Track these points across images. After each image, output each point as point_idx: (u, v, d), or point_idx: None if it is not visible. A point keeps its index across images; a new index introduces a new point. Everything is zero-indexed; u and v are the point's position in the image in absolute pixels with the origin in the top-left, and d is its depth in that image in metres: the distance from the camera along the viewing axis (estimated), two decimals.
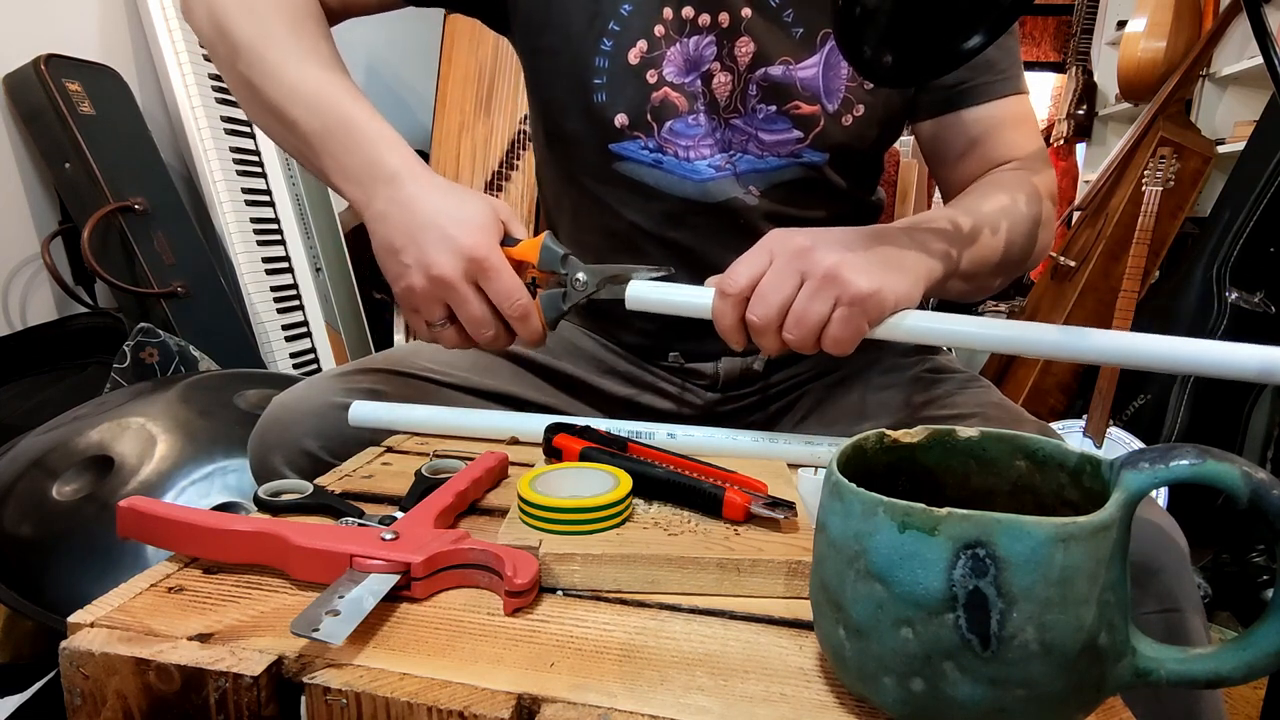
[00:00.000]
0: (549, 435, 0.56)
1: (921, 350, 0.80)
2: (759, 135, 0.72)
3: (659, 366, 0.81)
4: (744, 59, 0.71)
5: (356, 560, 0.40)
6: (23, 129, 1.54)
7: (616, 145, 0.73)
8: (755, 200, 0.73)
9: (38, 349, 1.48)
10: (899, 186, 3.32)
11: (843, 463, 0.34)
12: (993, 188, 0.70)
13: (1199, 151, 2.12)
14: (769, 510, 0.46)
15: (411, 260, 0.56)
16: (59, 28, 1.62)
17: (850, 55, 0.55)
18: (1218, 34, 2.23)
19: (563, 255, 0.59)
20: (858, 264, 0.54)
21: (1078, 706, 0.30)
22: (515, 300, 0.57)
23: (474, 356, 0.77)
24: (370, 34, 2.56)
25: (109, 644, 0.34)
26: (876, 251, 0.56)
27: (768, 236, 0.57)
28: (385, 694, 0.32)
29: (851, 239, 0.57)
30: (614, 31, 0.70)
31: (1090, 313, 2.24)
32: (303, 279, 1.96)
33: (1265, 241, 1.84)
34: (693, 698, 0.33)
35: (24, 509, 1.03)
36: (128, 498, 0.43)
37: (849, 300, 0.53)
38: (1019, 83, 0.74)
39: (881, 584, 0.30)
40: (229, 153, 1.80)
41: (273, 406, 0.69)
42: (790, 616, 0.41)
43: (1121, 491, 0.29)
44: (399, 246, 0.57)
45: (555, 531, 0.44)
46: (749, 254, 0.56)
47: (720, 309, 0.56)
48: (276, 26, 0.63)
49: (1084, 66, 3.16)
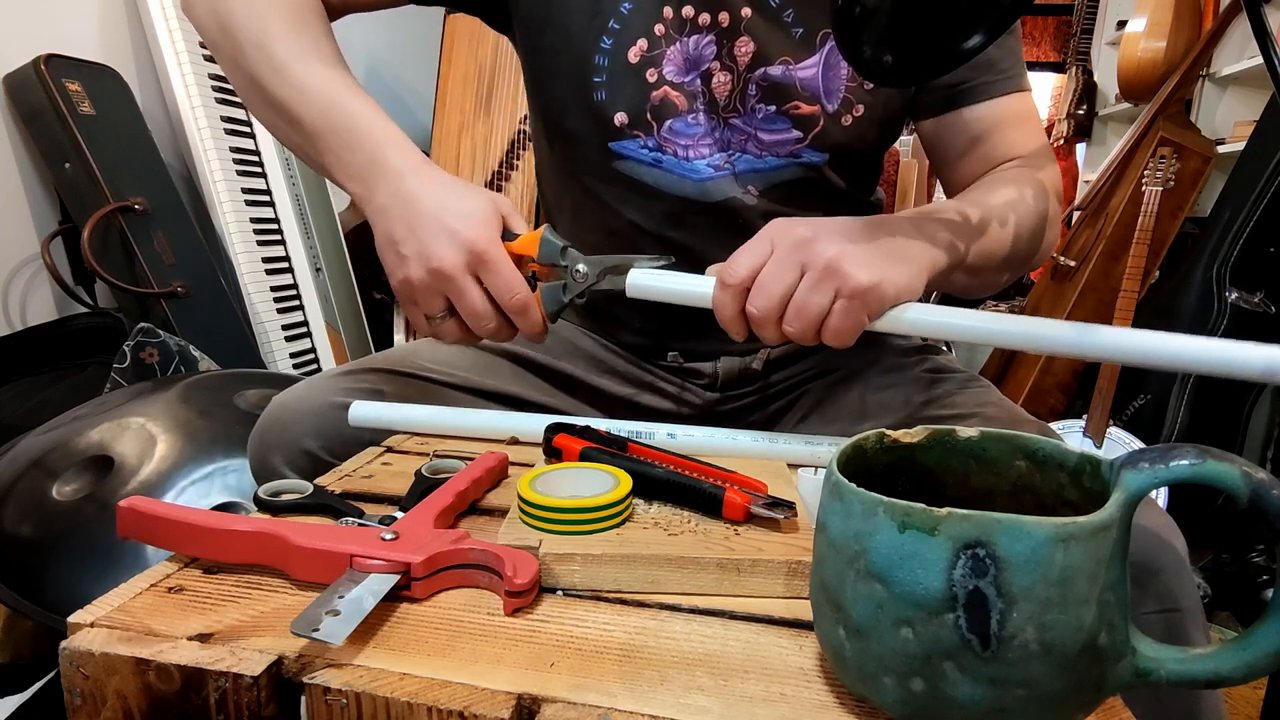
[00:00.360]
0: (549, 435, 0.56)
1: (922, 350, 0.80)
2: (758, 135, 0.72)
3: (658, 366, 0.81)
4: (744, 59, 0.71)
5: (356, 560, 0.40)
6: (23, 129, 1.54)
7: (616, 144, 0.73)
8: (754, 200, 0.73)
9: (38, 349, 1.48)
10: (899, 186, 3.32)
11: (843, 463, 0.34)
12: (1000, 183, 0.69)
13: (1199, 151, 2.12)
14: (769, 510, 0.46)
15: (411, 252, 0.56)
16: (59, 28, 1.62)
17: (850, 55, 0.55)
18: (1218, 34, 2.23)
19: (562, 248, 0.59)
20: (859, 255, 0.54)
21: (1078, 706, 0.30)
22: (515, 293, 0.57)
23: (474, 356, 0.77)
24: (370, 34, 2.56)
25: (109, 644, 0.34)
26: (879, 242, 0.56)
27: (769, 226, 0.57)
28: (385, 694, 0.32)
29: (854, 229, 0.56)
30: (614, 30, 0.70)
31: (1090, 313, 2.24)
32: (303, 279, 1.96)
33: (1265, 241, 1.84)
34: (693, 698, 0.33)
35: (24, 509, 1.03)
36: (128, 498, 0.43)
37: (849, 292, 0.53)
38: (1021, 81, 0.74)
39: (881, 584, 0.30)
40: (229, 153, 1.80)
41: (272, 406, 0.69)
42: (790, 616, 0.41)
43: (1121, 491, 0.29)
44: (399, 239, 0.57)
45: (555, 531, 0.44)
46: (750, 243, 0.56)
47: (720, 299, 0.56)
48: (278, 23, 0.63)
49: (1084, 66, 3.16)
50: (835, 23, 0.53)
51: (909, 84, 0.73)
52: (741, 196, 0.73)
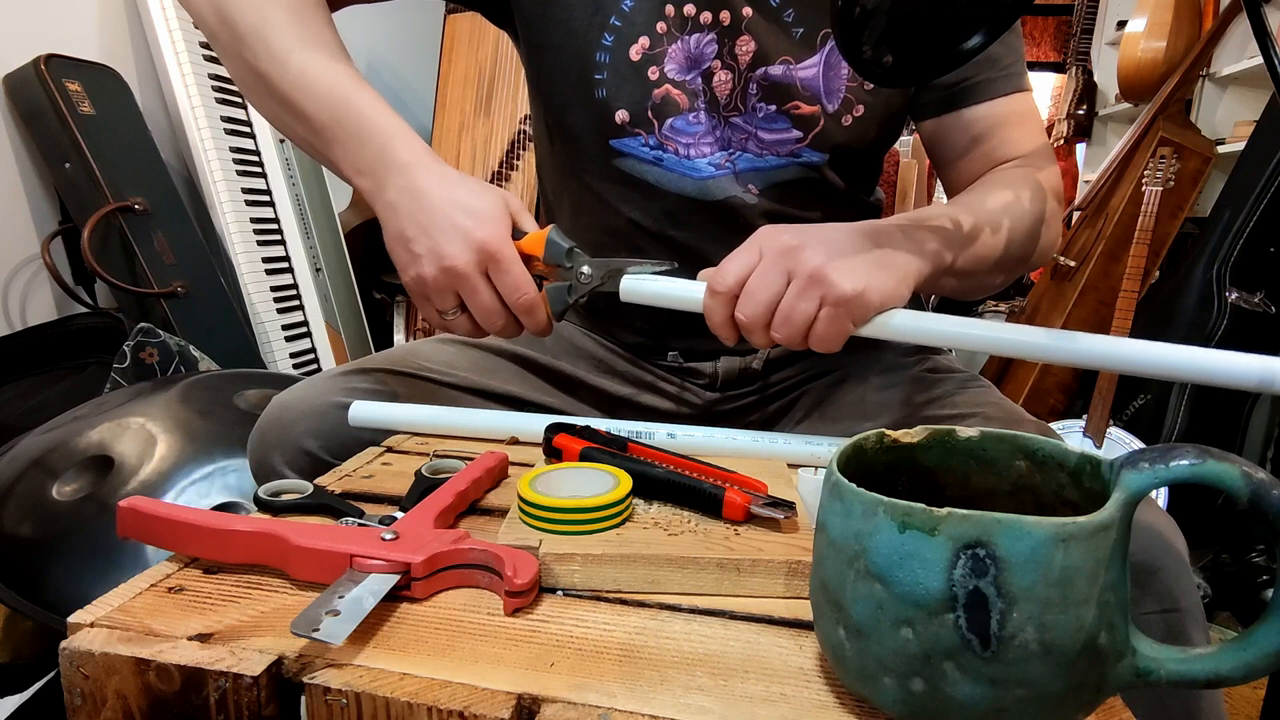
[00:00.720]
0: (549, 435, 0.56)
1: (922, 350, 0.80)
2: (758, 134, 0.72)
3: (658, 366, 0.81)
4: (744, 58, 0.71)
5: (356, 560, 0.40)
6: (23, 129, 1.54)
7: (617, 141, 0.73)
8: (754, 199, 0.73)
9: (38, 349, 1.48)
10: (899, 186, 3.32)
11: (843, 463, 0.34)
12: (996, 185, 0.69)
13: (1199, 151, 2.12)
14: (769, 510, 0.46)
15: (423, 250, 0.56)
16: (59, 28, 1.61)
17: (850, 55, 0.55)
18: (1218, 34, 2.23)
19: (568, 249, 0.59)
20: (844, 264, 0.54)
21: (1077, 706, 0.30)
22: (523, 294, 0.57)
23: (474, 356, 0.77)
24: (371, 34, 2.56)
25: (109, 644, 0.34)
26: (865, 251, 0.56)
27: (759, 233, 0.57)
28: (385, 694, 0.32)
29: (841, 238, 0.57)
30: (615, 27, 0.70)
31: (1090, 313, 2.24)
32: (303, 279, 1.96)
33: (1265, 241, 1.84)
34: (693, 698, 0.33)
35: (24, 509, 1.02)
36: (128, 498, 0.43)
37: (834, 300, 0.54)
38: (1022, 80, 0.74)
39: (881, 584, 0.30)
40: (229, 153, 1.80)
41: (272, 406, 0.69)
42: (790, 616, 0.41)
43: (1121, 491, 0.29)
44: (410, 236, 0.57)
45: (555, 531, 0.44)
46: (739, 251, 0.57)
47: (710, 305, 0.57)
48: (279, 13, 0.63)
49: (1084, 66, 3.16)
50: (835, 23, 0.53)
51: (909, 84, 0.73)
52: (742, 195, 0.73)
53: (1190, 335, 1.88)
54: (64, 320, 1.55)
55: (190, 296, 1.61)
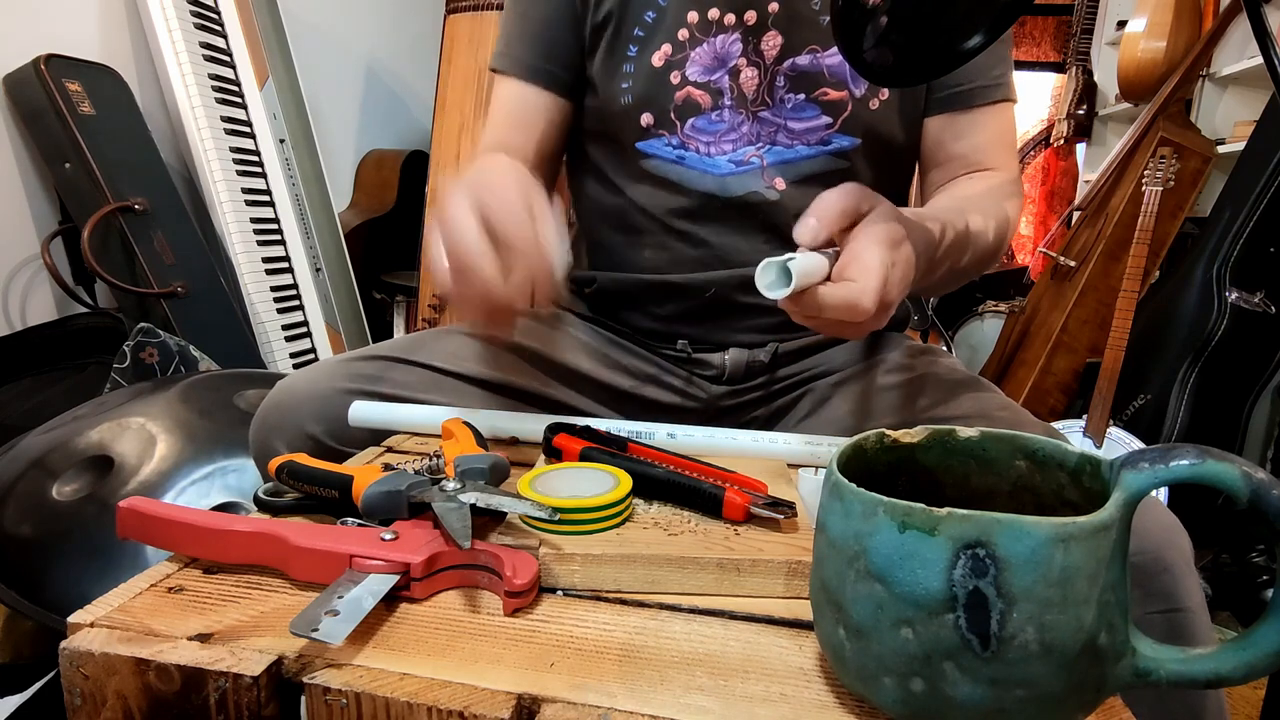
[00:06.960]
0: (549, 435, 0.56)
1: (923, 351, 0.80)
2: (788, 125, 0.74)
3: (665, 357, 0.81)
4: (771, 52, 0.73)
5: (356, 560, 0.40)
6: (23, 129, 1.54)
7: (642, 143, 0.75)
8: (777, 195, 0.74)
9: (38, 349, 1.48)
10: None
11: (843, 463, 0.34)
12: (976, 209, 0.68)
13: (1199, 151, 2.12)
14: (769, 510, 0.46)
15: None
16: (59, 28, 1.62)
17: (850, 55, 0.55)
18: (1218, 34, 2.23)
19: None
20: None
21: (1078, 706, 0.30)
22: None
23: (478, 348, 0.77)
24: (370, 35, 2.56)
25: (109, 644, 0.34)
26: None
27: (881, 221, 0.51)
28: (385, 694, 0.32)
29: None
30: (638, 37, 0.73)
31: (1090, 313, 2.24)
32: (303, 279, 1.96)
33: (1265, 241, 1.84)
34: (693, 698, 0.33)
35: (24, 509, 1.02)
36: (128, 498, 0.43)
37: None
38: (1010, 90, 0.77)
39: (881, 584, 0.29)
40: (229, 153, 1.80)
41: (275, 391, 0.69)
42: (790, 616, 0.41)
43: (1121, 491, 0.29)
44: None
45: (555, 531, 0.44)
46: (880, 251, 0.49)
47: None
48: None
49: (1084, 66, 3.16)
50: (835, 23, 0.53)
51: (909, 84, 0.74)
52: (763, 191, 0.74)
53: (1190, 335, 1.88)
54: (64, 320, 1.55)
55: (190, 296, 1.61)
